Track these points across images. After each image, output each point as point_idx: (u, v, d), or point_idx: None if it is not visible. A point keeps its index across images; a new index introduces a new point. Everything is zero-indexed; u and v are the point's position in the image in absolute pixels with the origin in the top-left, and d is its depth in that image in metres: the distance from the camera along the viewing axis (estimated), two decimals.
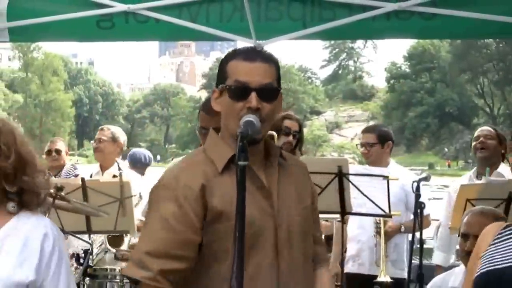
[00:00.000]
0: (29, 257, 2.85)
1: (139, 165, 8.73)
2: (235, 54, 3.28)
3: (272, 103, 3.20)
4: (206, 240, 3.18)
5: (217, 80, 3.30)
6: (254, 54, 3.26)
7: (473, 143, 6.93)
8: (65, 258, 2.95)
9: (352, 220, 6.91)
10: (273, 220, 3.21)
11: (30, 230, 2.87)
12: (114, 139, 7.58)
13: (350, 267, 6.90)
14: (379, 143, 6.96)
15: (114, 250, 6.63)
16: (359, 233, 6.92)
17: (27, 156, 2.87)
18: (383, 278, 6.32)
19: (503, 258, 2.85)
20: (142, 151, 9.29)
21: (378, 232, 6.59)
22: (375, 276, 6.45)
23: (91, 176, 7.33)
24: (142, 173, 8.62)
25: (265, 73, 3.20)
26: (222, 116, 3.29)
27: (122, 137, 7.69)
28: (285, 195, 3.28)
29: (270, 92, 3.20)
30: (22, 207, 2.89)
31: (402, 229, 6.64)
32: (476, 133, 7.00)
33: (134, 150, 9.36)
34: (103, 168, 7.55)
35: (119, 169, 7.43)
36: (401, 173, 6.75)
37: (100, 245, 6.75)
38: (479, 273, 2.90)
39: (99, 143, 7.59)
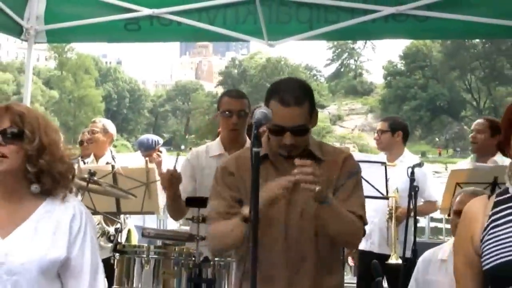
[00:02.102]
0: (60, 237, 2.87)
1: (145, 148, 8.56)
2: (275, 93, 3.47)
3: (304, 136, 3.47)
4: None
5: (267, 99, 3.53)
6: (289, 99, 3.41)
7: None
8: (90, 234, 2.96)
9: (367, 204, 6.90)
10: (286, 204, 3.43)
11: (60, 213, 2.89)
12: (105, 130, 7.52)
13: (363, 245, 6.91)
14: (390, 131, 6.93)
15: (109, 228, 6.66)
16: (372, 216, 6.90)
17: (49, 142, 2.88)
18: (394, 260, 6.32)
19: None
20: (149, 136, 9.10)
21: (390, 217, 6.58)
22: (384, 255, 6.46)
23: (84, 164, 7.29)
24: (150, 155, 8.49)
25: (298, 116, 3.42)
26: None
27: (112, 129, 7.65)
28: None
29: (301, 131, 3.44)
30: (44, 190, 2.90)
31: (412, 213, 6.61)
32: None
33: (142, 136, 9.32)
34: (97, 157, 7.49)
35: (113, 157, 7.41)
36: (413, 161, 6.69)
37: (97, 223, 6.74)
38: (497, 261, 2.58)
39: (93, 134, 7.52)
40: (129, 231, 7.25)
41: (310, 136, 3.58)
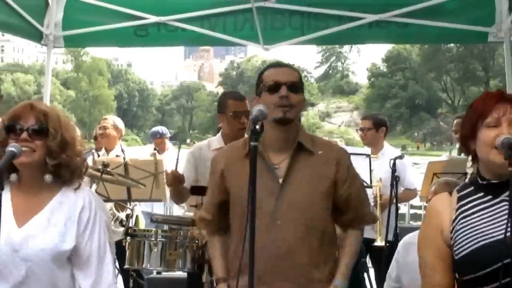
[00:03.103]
0: (71, 228, 2.86)
1: (158, 136, 9.44)
2: (267, 67, 3.50)
3: (298, 94, 3.34)
4: (231, 220, 3.50)
5: (256, 90, 3.44)
6: (280, 64, 3.54)
7: None
8: (99, 224, 2.94)
9: None
10: (276, 196, 3.28)
11: (70, 205, 2.88)
12: (115, 127, 7.48)
13: None
14: (374, 128, 6.91)
15: (120, 214, 6.66)
16: None
17: (69, 139, 2.88)
18: (379, 243, 6.31)
19: (497, 229, 2.56)
20: (159, 127, 9.93)
21: (375, 204, 6.55)
22: (371, 239, 6.43)
23: (98, 156, 7.27)
24: (162, 143, 9.40)
25: (291, 74, 3.39)
26: None
27: (121, 125, 7.62)
28: (295, 178, 3.32)
29: (296, 86, 3.34)
30: (57, 180, 2.89)
31: (394, 200, 6.59)
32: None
33: (155, 127, 10.04)
34: (108, 150, 7.46)
35: (122, 150, 7.40)
36: (393, 153, 6.69)
37: (109, 210, 6.73)
38: (469, 249, 2.56)
39: (104, 129, 7.48)
40: (136, 217, 7.25)
41: (301, 129, 3.46)
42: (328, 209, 3.38)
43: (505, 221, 2.53)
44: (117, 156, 7.04)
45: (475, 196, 2.69)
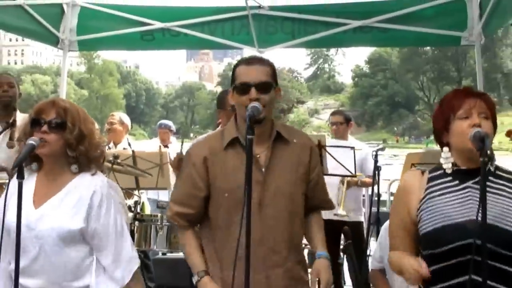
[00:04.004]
0: (79, 211, 2.84)
1: (163, 126, 9.25)
2: (240, 62, 3.21)
3: (268, 94, 3.08)
4: (212, 212, 3.21)
5: (231, 83, 3.24)
6: (252, 60, 3.18)
7: None
8: (115, 207, 2.90)
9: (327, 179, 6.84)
10: (260, 184, 3.10)
11: (83, 189, 2.87)
12: (121, 122, 7.44)
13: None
14: (345, 123, 6.92)
15: (128, 201, 6.65)
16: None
17: (87, 132, 2.89)
18: (341, 211, 6.25)
19: (458, 212, 2.60)
20: (166, 120, 9.77)
21: (341, 182, 6.51)
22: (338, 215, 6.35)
23: (108, 149, 7.22)
24: (165, 133, 9.20)
25: (261, 72, 3.10)
26: (236, 107, 3.21)
27: (127, 121, 7.59)
28: (276, 166, 3.15)
29: (266, 86, 3.08)
30: (80, 169, 2.91)
31: (359, 183, 6.56)
32: None
33: (162, 120, 9.96)
34: (115, 144, 7.44)
35: (129, 144, 7.38)
36: (358, 145, 6.68)
37: None
38: (432, 227, 2.60)
39: (111, 125, 7.44)
40: (142, 203, 7.26)
41: (275, 121, 3.25)
42: (304, 194, 3.25)
43: (466, 206, 2.60)
44: (124, 149, 7.03)
45: (443, 179, 2.73)
